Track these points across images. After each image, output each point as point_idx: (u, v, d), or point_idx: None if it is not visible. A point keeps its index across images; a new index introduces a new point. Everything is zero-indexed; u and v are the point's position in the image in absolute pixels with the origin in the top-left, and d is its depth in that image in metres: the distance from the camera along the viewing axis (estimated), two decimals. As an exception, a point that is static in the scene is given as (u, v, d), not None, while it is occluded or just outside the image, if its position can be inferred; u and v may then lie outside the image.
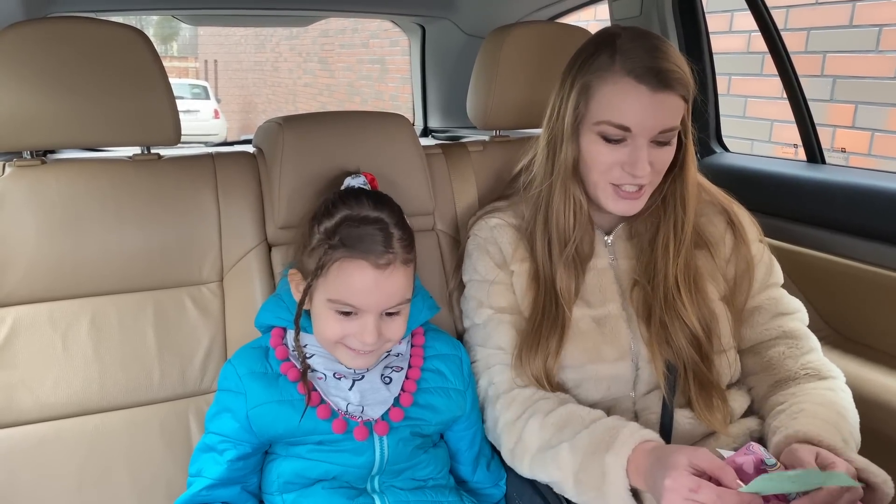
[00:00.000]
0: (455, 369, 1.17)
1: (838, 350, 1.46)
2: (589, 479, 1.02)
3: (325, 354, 1.10)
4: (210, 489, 1.07)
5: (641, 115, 1.06)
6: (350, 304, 1.02)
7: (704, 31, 1.87)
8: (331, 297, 1.03)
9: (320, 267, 1.02)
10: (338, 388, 1.08)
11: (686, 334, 1.12)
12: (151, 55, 1.23)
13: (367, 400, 1.07)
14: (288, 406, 1.06)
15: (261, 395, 1.06)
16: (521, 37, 1.50)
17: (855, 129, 3.06)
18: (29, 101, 1.17)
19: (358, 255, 1.01)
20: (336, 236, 1.02)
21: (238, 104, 16.12)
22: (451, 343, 1.20)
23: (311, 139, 1.33)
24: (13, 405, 1.15)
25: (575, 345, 1.15)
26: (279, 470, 1.09)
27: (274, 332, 1.13)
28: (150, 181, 1.27)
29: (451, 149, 1.55)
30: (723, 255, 1.20)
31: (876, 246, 1.38)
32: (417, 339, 1.17)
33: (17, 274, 1.18)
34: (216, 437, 1.08)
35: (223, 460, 1.07)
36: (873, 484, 0.94)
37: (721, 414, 1.12)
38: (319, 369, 1.09)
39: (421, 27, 2.54)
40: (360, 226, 1.03)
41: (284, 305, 1.13)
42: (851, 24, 3.06)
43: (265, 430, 1.06)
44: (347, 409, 1.07)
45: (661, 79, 1.05)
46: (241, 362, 1.10)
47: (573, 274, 1.16)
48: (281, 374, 1.08)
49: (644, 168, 1.08)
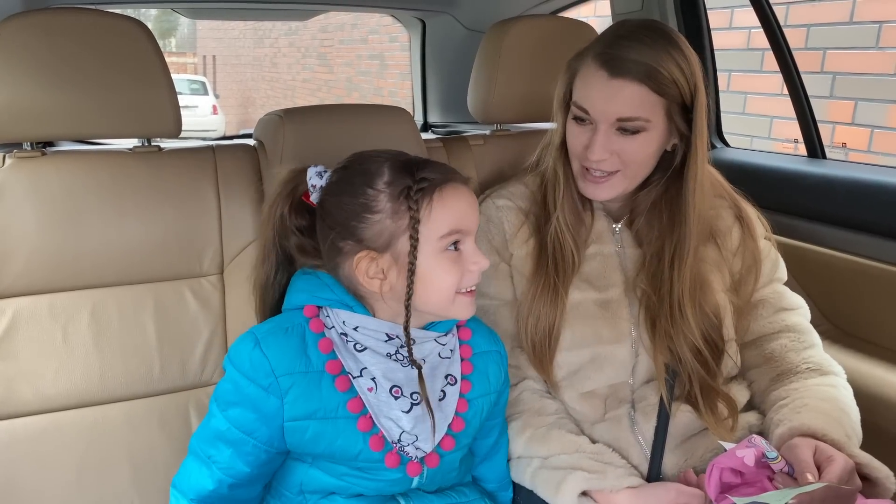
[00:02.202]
0: (495, 368, 1.07)
1: (838, 345, 1.46)
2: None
3: (379, 347, 0.94)
4: (232, 488, 0.95)
5: (597, 98, 1.08)
6: (461, 230, 0.93)
7: (706, 26, 1.86)
8: (442, 232, 0.91)
9: (415, 211, 0.90)
10: (390, 407, 0.93)
11: (690, 346, 1.11)
12: (152, 47, 1.23)
13: (419, 427, 0.94)
14: (331, 426, 0.92)
15: (302, 405, 0.91)
16: (522, 31, 1.50)
17: (855, 125, 3.06)
18: (29, 93, 1.16)
19: (444, 181, 0.92)
20: (416, 182, 0.91)
21: (236, 100, 16.09)
22: (492, 336, 1.10)
23: (312, 132, 1.33)
24: (13, 397, 1.15)
25: (574, 325, 1.15)
26: (305, 478, 0.97)
27: (308, 310, 0.96)
28: (150, 173, 1.27)
29: (451, 142, 1.55)
30: (730, 247, 1.20)
31: (877, 241, 1.38)
32: (463, 333, 1.05)
33: (17, 266, 1.17)
34: (240, 434, 0.93)
35: (247, 464, 0.94)
36: (875, 479, 0.95)
37: (727, 421, 1.10)
38: (374, 372, 0.93)
39: (421, 22, 2.54)
40: (418, 162, 0.95)
41: (322, 283, 0.96)
42: (851, 20, 3.06)
43: (300, 446, 0.93)
44: (400, 439, 0.94)
45: (616, 65, 1.06)
46: (275, 354, 0.91)
47: (569, 250, 1.17)
48: (325, 373, 0.92)
49: (598, 153, 1.09)
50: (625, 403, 1.15)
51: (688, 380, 1.12)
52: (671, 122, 1.10)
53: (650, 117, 1.07)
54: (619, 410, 1.15)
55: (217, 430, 0.94)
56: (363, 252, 0.92)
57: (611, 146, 1.09)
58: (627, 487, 1.03)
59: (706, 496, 0.96)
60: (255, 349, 0.92)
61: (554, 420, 1.14)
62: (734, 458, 0.92)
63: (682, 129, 1.11)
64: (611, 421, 1.15)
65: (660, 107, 1.08)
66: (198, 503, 0.95)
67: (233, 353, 0.94)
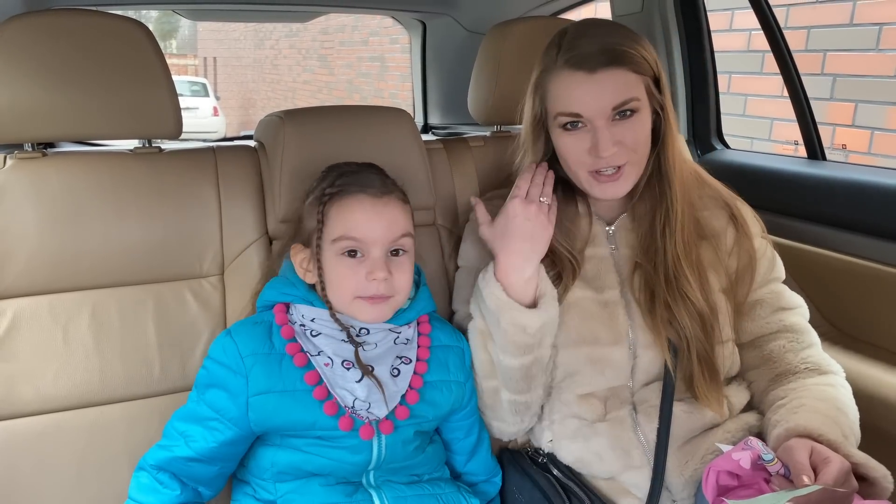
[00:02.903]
0: (457, 361, 1.17)
1: (838, 346, 1.46)
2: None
3: (332, 333, 1.07)
4: (190, 461, 1.05)
5: (585, 98, 1.09)
6: (354, 238, 1.04)
7: (706, 28, 1.87)
8: (335, 236, 1.05)
9: (321, 213, 1.06)
10: (345, 379, 1.04)
11: (690, 312, 1.12)
12: (153, 48, 1.23)
13: (374, 395, 1.04)
14: (290, 398, 1.03)
15: (263, 381, 1.03)
16: (522, 32, 1.50)
17: (855, 127, 3.06)
18: (30, 94, 1.16)
19: (355, 191, 1.06)
20: (333, 186, 1.07)
21: (237, 101, 16.10)
22: (455, 334, 1.20)
23: (313, 133, 1.33)
24: (14, 397, 1.15)
25: (569, 325, 1.16)
26: (273, 458, 1.06)
27: (277, 308, 1.10)
28: (150, 174, 1.27)
29: (452, 143, 1.55)
30: (724, 247, 1.21)
31: (876, 242, 1.39)
32: (424, 328, 1.16)
33: (17, 266, 1.18)
34: (210, 411, 1.05)
35: (213, 439, 1.04)
36: (873, 479, 0.94)
37: (717, 395, 1.13)
38: (327, 351, 1.06)
39: (422, 23, 2.54)
40: (356, 172, 1.11)
41: (289, 282, 1.12)
42: (852, 22, 3.06)
43: (263, 420, 1.04)
44: (354, 406, 1.04)
45: (591, 61, 1.08)
46: (243, 340, 1.06)
47: (569, 256, 1.18)
48: (286, 354, 1.05)
49: (608, 148, 1.09)
50: (626, 405, 1.16)
51: (687, 350, 1.12)
52: (652, 98, 1.14)
53: (638, 96, 1.10)
54: (620, 411, 1.15)
55: (191, 410, 1.08)
56: (298, 245, 1.11)
57: (614, 137, 1.10)
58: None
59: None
60: (227, 337, 1.07)
61: None
62: (731, 460, 0.92)
63: (661, 102, 1.14)
64: (612, 421, 1.15)
65: (641, 85, 1.11)
66: (155, 468, 1.06)
67: (210, 347, 1.10)
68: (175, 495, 1.04)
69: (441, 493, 1.11)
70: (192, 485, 1.07)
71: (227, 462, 1.08)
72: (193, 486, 1.07)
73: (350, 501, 1.04)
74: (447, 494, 1.12)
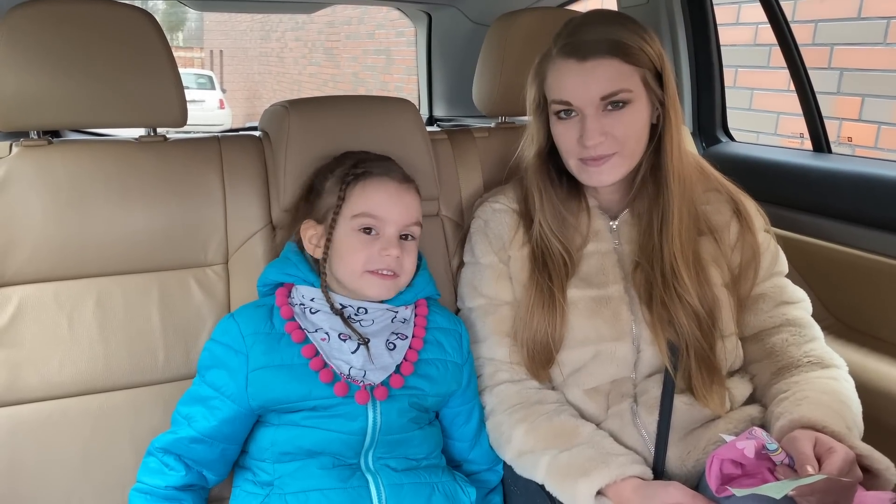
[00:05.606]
0: (454, 343, 1.19)
1: (842, 339, 1.45)
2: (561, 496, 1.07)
3: (328, 311, 1.11)
4: (193, 442, 1.08)
5: (575, 86, 1.10)
6: (374, 216, 1.11)
7: (712, 20, 1.86)
8: (355, 213, 1.11)
9: (343, 191, 1.12)
10: (341, 351, 1.08)
11: (687, 312, 1.12)
12: (158, 36, 1.23)
13: (369, 365, 1.08)
14: (286, 371, 1.06)
15: (262, 357, 1.07)
16: (527, 23, 1.50)
17: (861, 121, 3.05)
18: (36, 82, 1.17)
19: (380, 174, 1.15)
20: (357, 167, 1.15)
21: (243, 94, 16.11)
22: (452, 319, 1.23)
23: (317, 123, 1.33)
24: (19, 383, 1.15)
25: (572, 325, 1.16)
26: (273, 438, 1.08)
27: (279, 291, 1.14)
28: (155, 163, 1.27)
29: (456, 135, 1.55)
30: (727, 241, 1.20)
31: (881, 235, 1.38)
32: (421, 310, 1.19)
33: (23, 254, 1.18)
34: (210, 391, 1.08)
35: (213, 417, 1.07)
36: (876, 471, 0.94)
37: (719, 396, 1.12)
38: (324, 327, 1.09)
39: (427, 15, 2.53)
40: (377, 160, 1.19)
41: (291, 263, 1.15)
42: (859, 16, 3.04)
43: (261, 394, 1.06)
44: (350, 374, 1.07)
45: (583, 49, 1.09)
46: (245, 321, 1.10)
47: (559, 255, 1.18)
48: (285, 333, 1.08)
49: (593, 137, 1.10)
50: (627, 398, 1.16)
51: (685, 349, 1.12)
52: (650, 92, 1.13)
53: (631, 87, 1.10)
54: (621, 405, 1.15)
55: (193, 392, 1.11)
56: (310, 221, 1.16)
57: (602, 128, 1.10)
58: (633, 477, 1.03)
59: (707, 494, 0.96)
60: (229, 319, 1.12)
61: (554, 408, 1.15)
62: (735, 449, 0.92)
63: (660, 96, 1.13)
64: (613, 416, 1.15)
65: (636, 76, 1.10)
66: (161, 451, 1.08)
67: (214, 329, 1.14)
68: (180, 476, 1.07)
69: (437, 482, 1.12)
70: (196, 468, 1.09)
71: (228, 444, 1.10)
72: (198, 469, 1.09)
73: (346, 486, 1.05)
74: (443, 483, 1.12)
